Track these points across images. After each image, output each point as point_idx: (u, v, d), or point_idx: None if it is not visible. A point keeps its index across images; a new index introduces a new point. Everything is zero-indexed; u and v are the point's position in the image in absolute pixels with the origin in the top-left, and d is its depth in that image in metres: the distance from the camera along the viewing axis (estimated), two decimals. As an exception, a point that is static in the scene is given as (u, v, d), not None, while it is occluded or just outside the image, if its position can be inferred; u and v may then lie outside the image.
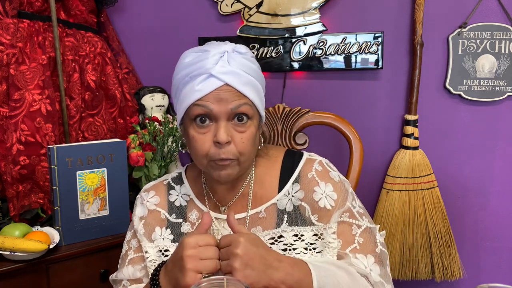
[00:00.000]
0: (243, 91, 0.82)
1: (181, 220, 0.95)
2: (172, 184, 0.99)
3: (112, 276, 0.99)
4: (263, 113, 0.90)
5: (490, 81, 1.62)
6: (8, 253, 1.17)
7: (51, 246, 1.23)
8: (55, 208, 1.30)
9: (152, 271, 0.86)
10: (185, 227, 0.94)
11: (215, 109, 0.81)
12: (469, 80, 1.63)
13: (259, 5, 1.67)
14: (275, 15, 1.67)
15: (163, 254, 0.93)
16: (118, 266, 0.99)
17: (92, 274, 1.34)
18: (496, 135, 1.66)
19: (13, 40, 1.37)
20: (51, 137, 1.41)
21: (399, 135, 1.70)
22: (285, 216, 0.89)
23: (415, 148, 1.65)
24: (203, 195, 0.96)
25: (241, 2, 1.67)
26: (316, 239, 0.88)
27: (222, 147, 0.82)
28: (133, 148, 1.47)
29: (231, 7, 1.69)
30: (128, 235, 0.99)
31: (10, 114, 1.36)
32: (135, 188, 1.60)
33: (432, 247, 1.62)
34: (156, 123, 1.51)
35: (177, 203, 0.96)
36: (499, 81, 1.62)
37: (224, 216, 0.92)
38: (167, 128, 1.50)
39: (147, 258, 0.93)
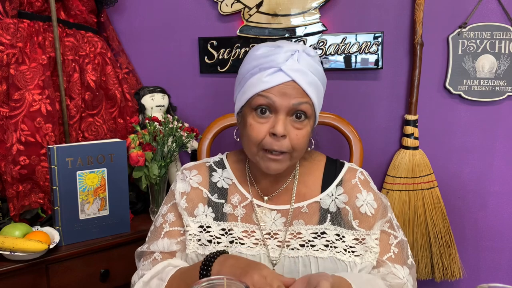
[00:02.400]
0: (307, 90, 0.87)
1: (223, 201, 0.98)
2: (214, 167, 1.03)
3: (143, 248, 1.00)
4: (318, 115, 0.94)
5: (490, 81, 1.62)
6: (8, 253, 1.17)
7: (51, 246, 1.23)
8: (55, 208, 1.30)
9: (190, 246, 0.92)
10: (227, 208, 0.98)
11: (278, 102, 0.86)
12: (469, 80, 1.63)
13: (259, 5, 1.67)
14: (275, 15, 1.67)
15: (204, 230, 0.96)
16: (147, 239, 1.01)
17: (92, 274, 1.34)
18: (496, 135, 1.66)
19: (13, 40, 1.37)
20: (51, 137, 1.41)
21: (399, 135, 1.70)
22: (329, 215, 0.95)
23: (415, 148, 1.65)
24: (246, 182, 1.00)
25: (241, 2, 1.67)
26: (356, 243, 0.93)
27: (276, 140, 0.86)
28: (133, 148, 1.47)
29: (231, 7, 1.69)
30: (164, 208, 1.01)
31: (10, 114, 1.36)
32: (135, 188, 1.60)
33: (432, 247, 1.62)
34: (156, 123, 1.51)
35: (219, 185, 1.00)
36: (499, 81, 1.62)
37: (266, 205, 0.97)
38: (167, 128, 1.50)
39: (187, 231, 0.96)
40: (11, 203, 1.37)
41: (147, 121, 1.53)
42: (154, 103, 1.63)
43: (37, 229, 1.30)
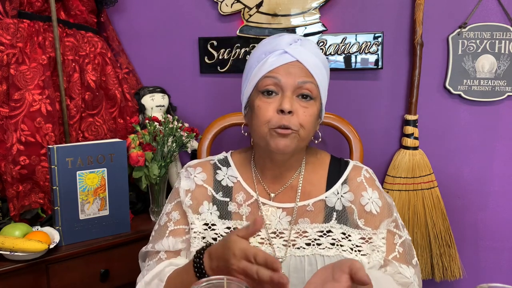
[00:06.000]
0: (311, 70, 0.90)
1: (228, 199, 0.98)
2: (219, 165, 1.02)
3: (147, 247, 0.99)
4: (324, 101, 0.96)
5: (490, 81, 1.62)
6: (8, 253, 1.17)
7: (51, 246, 1.24)
8: (55, 208, 1.30)
9: (195, 244, 0.92)
10: (232, 207, 0.97)
11: (283, 80, 0.88)
12: (469, 80, 1.63)
13: (259, 5, 1.67)
14: (275, 15, 1.67)
15: (209, 227, 0.95)
16: (151, 238, 1.00)
17: (92, 274, 1.34)
18: (496, 135, 1.66)
19: (13, 40, 1.37)
20: (51, 137, 1.41)
21: (399, 135, 1.70)
22: (334, 213, 0.95)
23: (415, 148, 1.65)
24: (252, 179, 0.99)
25: (241, 2, 1.67)
26: (363, 243, 0.93)
27: (285, 117, 0.87)
28: (133, 148, 1.47)
29: (231, 7, 1.69)
30: (168, 207, 1.01)
31: (10, 114, 1.36)
32: (135, 188, 1.60)
33: (432, 247, 1.62)
34: (156, 123, 1.51)
35: (223, 183, 1.00)
36: (499, 81, 1.62)
37: (273, 203, 0.97)
38: (167, 128, 1.50)
39: (192, 229, 0.95)
40: (11, 203, 1.37)
41: (147, 121, 1.53)
42: (154, 103, 1.63)
43: (37, 229, 1.30)
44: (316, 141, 1.00)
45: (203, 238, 0.95)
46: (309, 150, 1.03)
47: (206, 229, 0.95)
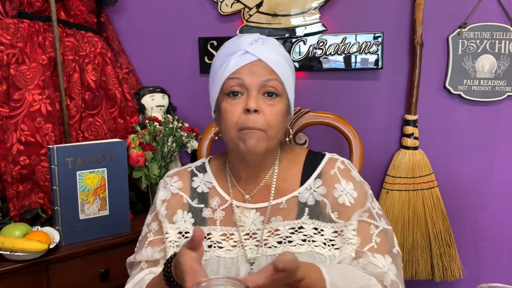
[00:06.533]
0: (274, 67, 0.90)
1: (202, 206, 0.98)
2: (196, 171, 1.03)
3: (130, 259, 1.01)
4: (291, 97, 0.95)
5: (490, 81, 1.62)
6: (8, 253, 1.17)
7: (51, 246, 1.24)
8: (55, 208, 1.30)
9: (170, 253, 0.92)
10: (206, 212, 0.97)
11: (247, 80, 0.89)
12: (469, 80, 1.63)
13: (259, 5, 1.67)
14: (275, 15, 1.67)
15: (183, 236, 0.96)
16: (136, 249, 1.02)
17: (92, 274, 1.34)
18: (496, 135, 1.66)
19: (13, 40, 1.37)
20: (51, 137, 1.41)
21: (399, 135, 1.70)
22: (306, 209, 0.93)
23: (415, 148, 1.65)
24: (227, 184, 0.99)
25: (241, 2, 1.67)
26: (336, 236, 0.91)
27: (251, 116, 0.87)
28: (133, 148, 1.47)
29: (231, 7, 1.69)
30: (149, 218, 1.02)
31: (10, 114, 1.36)
32: (135, 188, 1.60)
33: (432, 247, 1.62)
34: (156, 123, 1.52)
35: (199, 190, 1.00)
36: (499, 81, 1.62)
37: (247, 205, 0.96)
38: (167, 128, 1.50)
39: (167, 238, 0.96)
40: (11, 203, 1.37)
41: (147, 121, 1.53)
42: (154, 103, 1.63)
43: (37, 229, 1.30)
44: (287, 138, 0.99)
45: (178, 246, 0.95)
46: (285, 147, 1.02)
47: (180, 237, 0.96)
